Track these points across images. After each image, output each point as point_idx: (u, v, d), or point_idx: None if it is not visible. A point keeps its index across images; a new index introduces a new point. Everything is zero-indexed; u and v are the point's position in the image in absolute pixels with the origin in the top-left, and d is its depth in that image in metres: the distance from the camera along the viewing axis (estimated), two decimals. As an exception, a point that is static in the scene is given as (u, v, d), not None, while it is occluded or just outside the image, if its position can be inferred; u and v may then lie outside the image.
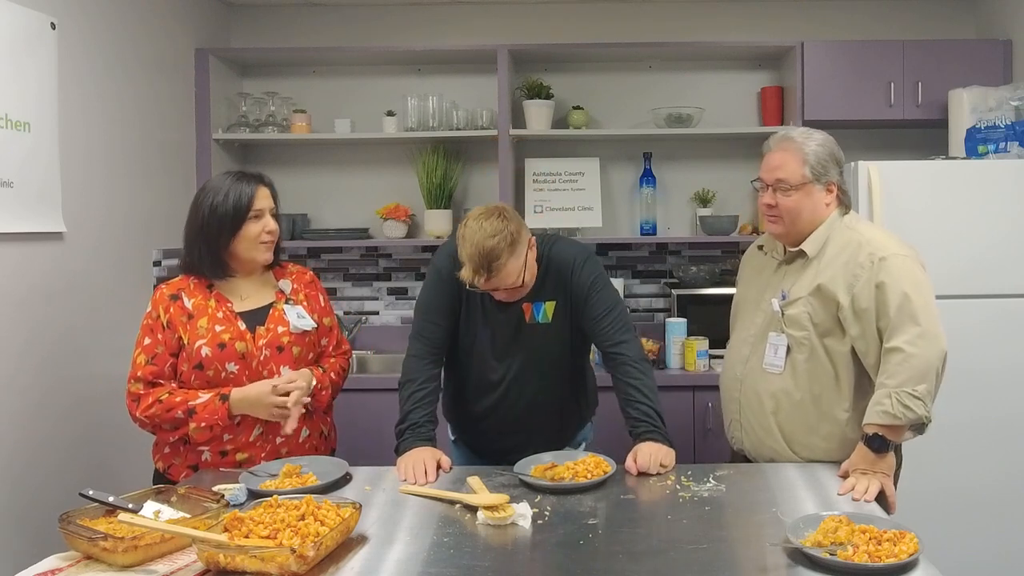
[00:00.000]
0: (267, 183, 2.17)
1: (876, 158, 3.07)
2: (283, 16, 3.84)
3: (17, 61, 2.42)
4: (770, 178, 2.10)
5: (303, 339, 2.18)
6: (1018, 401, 2.91)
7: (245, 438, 2.11)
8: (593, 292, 2.19)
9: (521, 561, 1.57)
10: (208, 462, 2.11)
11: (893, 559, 1.45)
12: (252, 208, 2.10)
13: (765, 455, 2.16)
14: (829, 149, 2.09)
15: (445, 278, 2.21)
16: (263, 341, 2.12)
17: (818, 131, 2.14)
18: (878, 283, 1.98)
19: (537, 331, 2.21)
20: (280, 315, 2.17)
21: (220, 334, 2.08)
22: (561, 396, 2.30)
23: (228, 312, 2.12)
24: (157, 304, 2.12)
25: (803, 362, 2.08)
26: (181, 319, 2.09)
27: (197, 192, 2.16)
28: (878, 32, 3.72)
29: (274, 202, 2.17)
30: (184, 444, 2.11)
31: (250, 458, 2.11)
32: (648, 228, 3.70)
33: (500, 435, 2.29)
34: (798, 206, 2.07)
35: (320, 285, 2.33)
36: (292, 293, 2.23)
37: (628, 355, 2.15)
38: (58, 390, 2.61)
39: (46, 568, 1.53)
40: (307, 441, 2.21)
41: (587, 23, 3.81)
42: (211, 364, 2.07)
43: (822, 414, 2.08)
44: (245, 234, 2.10)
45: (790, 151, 2.08)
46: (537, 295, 2.20)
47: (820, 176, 2.07)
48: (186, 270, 2.17)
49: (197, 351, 2.07)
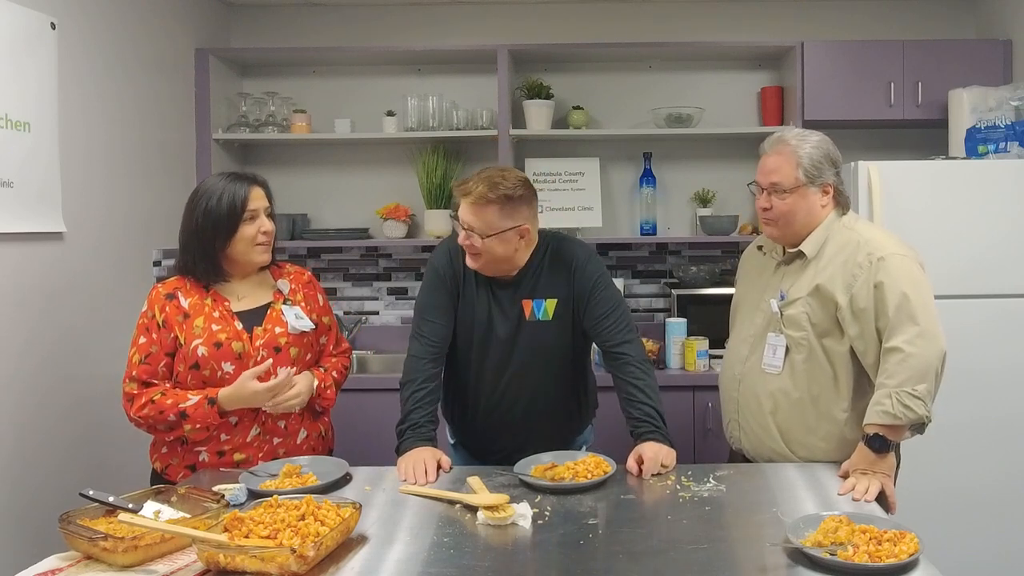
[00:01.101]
0: (260, 183, 2.15)
1: (876, 158, 3.07)
2: (283, 16, 3.84)
3: (17, 61, 2.42)
4: (765, 182, 2.10)
5: (301, 340, 2.17)
6: (1018, 401, 2.91)
7: (242, 439, 2.10)
8: (596, 291, 2.19)
9: (521, 561, 1.57)
10: (206, 462, 2.10)
11: (893, 559, 1.45)
12: (247, 209, 2.08)
13: (764, 455, 2.16)
14: (824, 150, 2.09)
15: (443, 276, 2.21)
16: (260, 342, 2.11)
17: (814, 132, 2.14)
18: (876, 283, 1.98)
19: (537, 329, 2.20)
20: (278, 315, 2.16)
21: (217, 333, 2.07)
22: (562, 396, 2.29)
23: (225, 312, 2.11)
24: (153, 303, 2.11)
25: (801, 362, 2.08)
26: (177, 318, 2.08)
27: (191, 195, 2.14)
28: (878, 32, 3.72)
29: (269, 201, 2.15)
30: (182, 444, 2.10)
31: (248, 459, 2.11)
32: (648, 228, 3.70)
33: (499, 436, 2.28)
34: (793, 209, 2.07)
35: (318, 285, 2.33)
36: (290, 293, 2.22)
37: (631, 355, 2.16)
38: (58, 390, 2.61)
39: (46, 568, 1.52)
40: (305, 442, 2.20)
41: (587, 23, 3.81)
42: (207, 364, 2.06)
43: (821, 414, 2.08)
44: (241, 236, 2.09)
45: (784, 154, 2.08)
46: (537, 291, 2.19)
47: (815, 178, 2.06)
48: (181, 272, 2.15)
49: (193, 351, 2.05)
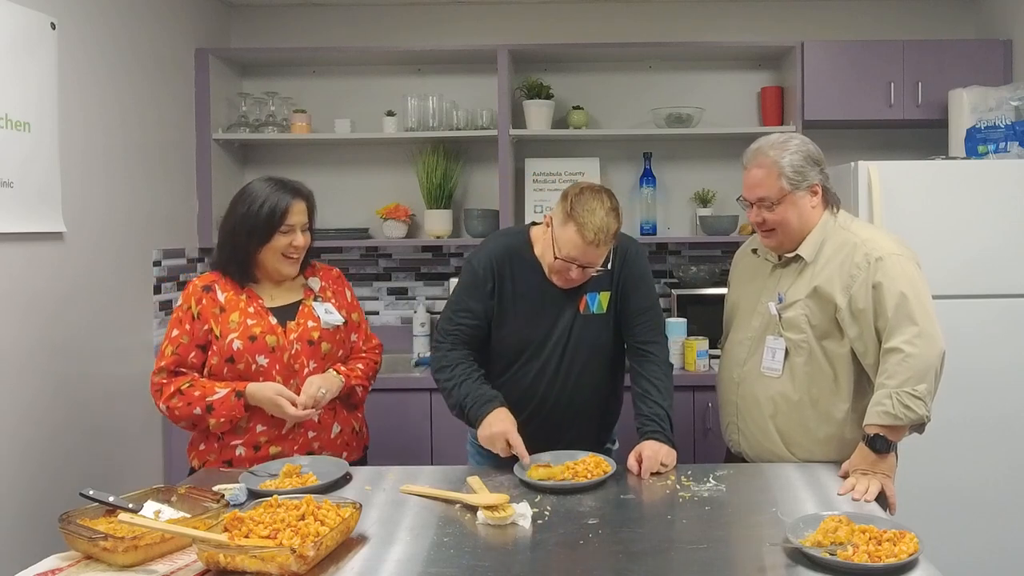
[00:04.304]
0: (305, 195, 2.18)
1: (876, 158, 3.06)
2: (283, 16, 3.84)
3: (17, 61, 2.42)
4: (752, 197, 2.09)
5: (333, 336, 2.21)
6: (1018, 401, 2.91)
7: (278, 431, 2.13)
8: (641, 285, 2.18)
9: (521, 561, 1.57)
10: (242, 457, 2.13)
11: (893, 559, 1.45)
12: (284, 223, 2.11)
13: (763, 457, 2.16)
14: (804, 153, 2.06)
15: (482, 278, 2.15)
16: (294, 335, 2.15)
17: (793, 136, 2.12)
18: (875, 283, 1.98)
19: (591, 323, 2.17)
20: (310, 311, 2.20)
21: (251, 328, 2.12)
22: (607, 391, 2.26)
23: (259, 307, 2.16)
24: (189, 296, 2.15)
25: (802, 365, 2.08)
26: (213, 311, 2.13)
27: (236, 194, 2.19)
28: (878, 32, 3.72)
29: (310, 216, 2.19)
30: (218, 440, 2.14)
31: (282, 452, 2.14)
32: (648, 228, 3.70)
33: (546, 437, 2.11)
34: (785, 217, 2.06)
35: (346, 281, 2.36)
36: (320, 291, 2.26)
37: (657, 355, 2.17)
38: (58, 390, 2.61)
39: (46, 568, 1.52)
40: (339, 437, 2.23)
41: (587, 23, 3.81)
42: (242, 357, 2.10)
43: (820, 416, 2.08)
44: (272, 246, 2.12)
45: (765, 166, 2.06)
46: (590, 284, 2.15)
47: (799, 183, 2.05)
48: (215, 267, 2.20)
49: (229, 344, 2.10)
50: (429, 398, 3.22)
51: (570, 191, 2.04)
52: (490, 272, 2.15)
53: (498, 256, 2.16)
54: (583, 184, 2.07)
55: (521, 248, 2.18)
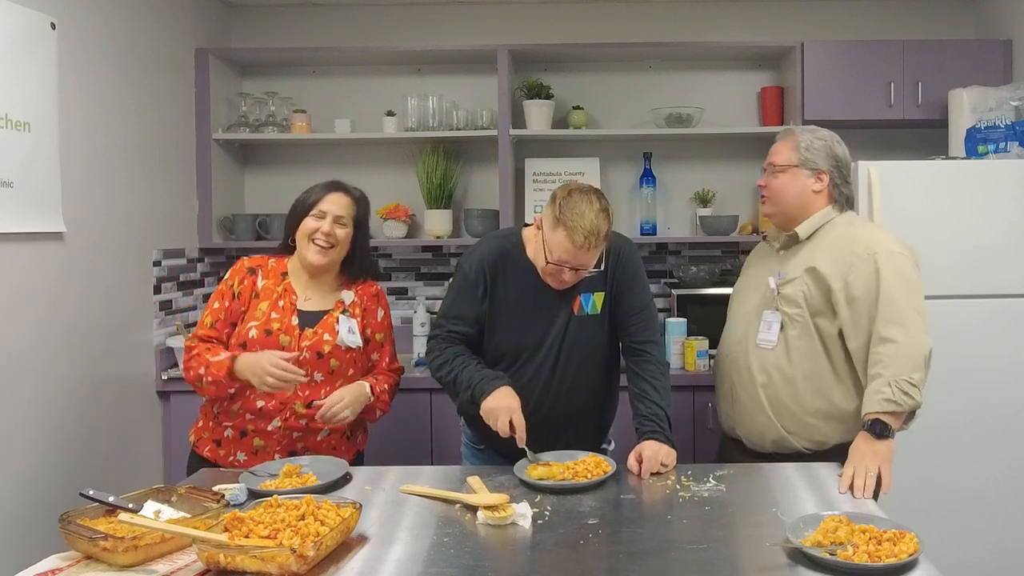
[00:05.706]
0: (352, 194, 2.30)
1: (876, 158, 3.07)
2: (283, 16, 3.84)
3: (17, 61, 2.42)
4: (767, 163, 2.26)
5: (345, 355, 2.22)
6: (1017, 401, 2.90)
7: (265, 424, 2.17)
8: (635, 285, 2.19)
9: (521, 561, 1.57)
10: (230, 439, 2.20)
11: (893, 559, 1.45)
12: (316, 208, 2.23)
13: (754, 430, 2.19)
14: (826, 144, 2.21)
15: (472, 282, 2.15)
16: (307, 343, 2.18)
17: (826, 131, 2.25)
18: (872, 275, 2.06)
19: (586, 324, 2.17)
20: (332, 324, 2.22)
21: (272, 322, 2.18)
22: (604, 392, 2.27)
23: (289, 304, 2.22)
24: (235, 274, 2.27)
25: (796, 338, 2.14)
26: (250, 294, 2.22)
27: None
28: (878, 32, 3.72)
29: (355, 215, 2.27)
30: (214, 419, 2.22)
31: (265, 447, 2.18)
32: (648, 228, 3.70)
33: (543, 439, 2.08)
34: (784, 187, 2.20)
35: (384, 301, 2.38)
36: (351, 306, 2.28)
37: (653, 355, 2.18)
38: (58, 391, 2.61)
39: (46, 568, 1.52)
40: (326, 440, 2.23)
41: (587, 23, 3.81)
42: (254, 346, 2.15)
43: (812, 391, 2.13)
44: (302, 228, 2.23)
45: (787, 140, 2.24)
46: (583, 285, 2.14)
47: (807, 162, 2.19)
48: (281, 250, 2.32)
49: (247, 331, 2.17)
50: (429, 398, 3.22)
51: (558, 193, 2.03)
52: (481, 276, 2.15)
53: (490, 259, 2.16)
54: (571, 185, 2.05)
55: (513, 250, 2.18)
